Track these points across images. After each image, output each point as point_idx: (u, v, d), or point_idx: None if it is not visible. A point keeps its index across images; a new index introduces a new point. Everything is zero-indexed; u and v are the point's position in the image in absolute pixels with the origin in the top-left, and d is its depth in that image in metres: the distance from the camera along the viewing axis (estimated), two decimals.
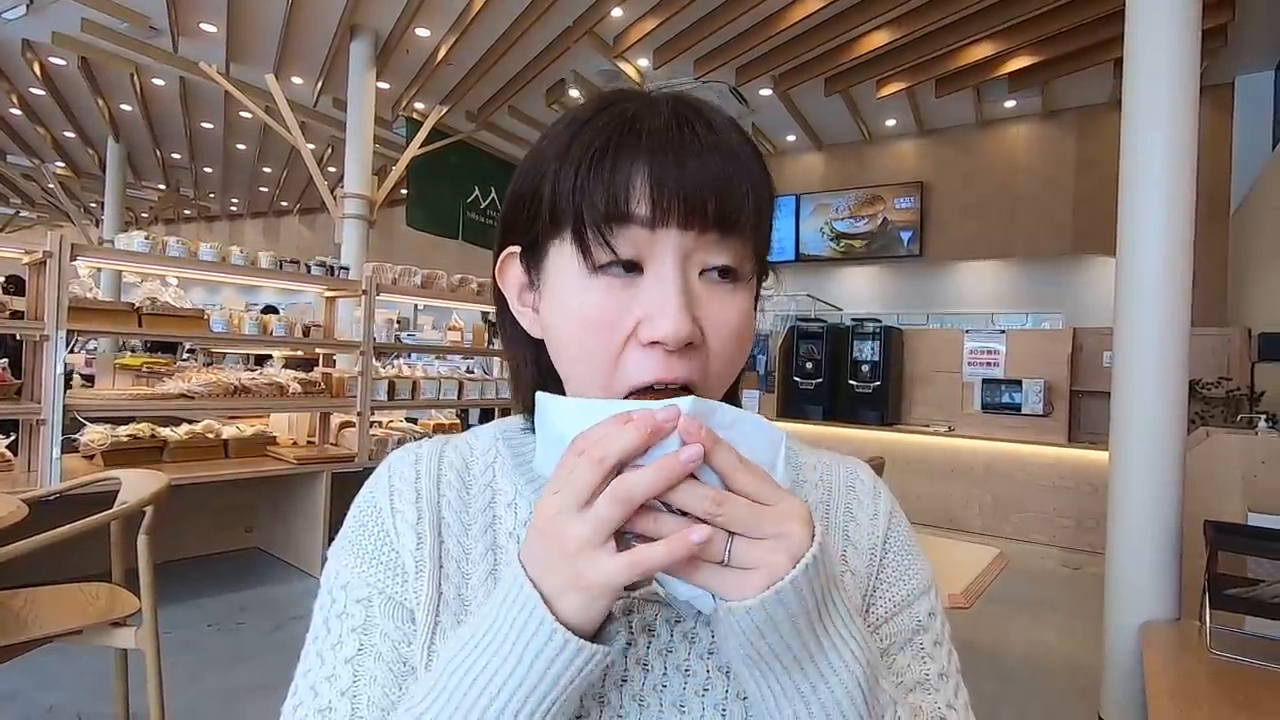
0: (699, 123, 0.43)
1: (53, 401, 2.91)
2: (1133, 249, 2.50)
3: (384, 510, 0.51)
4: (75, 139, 10.23)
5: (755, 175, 0.43)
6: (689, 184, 0.41)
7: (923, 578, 0.53)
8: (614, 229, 0.41)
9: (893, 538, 0.53)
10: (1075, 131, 7.53)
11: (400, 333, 4.72)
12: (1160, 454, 2.41)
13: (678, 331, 0.40)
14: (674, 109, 0.44)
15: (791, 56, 6.43)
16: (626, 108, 0.44)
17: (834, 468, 0.56)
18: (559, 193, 0.43)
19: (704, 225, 0.41)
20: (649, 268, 0.42)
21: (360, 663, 0.47)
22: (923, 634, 0.51)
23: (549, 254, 0.45)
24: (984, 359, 5.80)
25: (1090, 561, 4.68)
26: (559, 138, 0.44)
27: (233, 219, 15.50)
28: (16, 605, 1.89)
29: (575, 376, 0.45)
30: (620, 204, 0.41)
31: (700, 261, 0.43)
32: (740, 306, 0.44)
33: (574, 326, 0.43)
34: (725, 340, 0.43)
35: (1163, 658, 2.01)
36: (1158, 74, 2.46)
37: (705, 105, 0.45)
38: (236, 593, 3.50)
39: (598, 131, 0.42)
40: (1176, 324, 2.42)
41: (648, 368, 0.42)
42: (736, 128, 0.45)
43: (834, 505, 0.54)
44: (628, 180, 0.41)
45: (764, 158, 0.46)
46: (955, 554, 2.32)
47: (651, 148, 0.41)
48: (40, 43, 6.99)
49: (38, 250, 2.91)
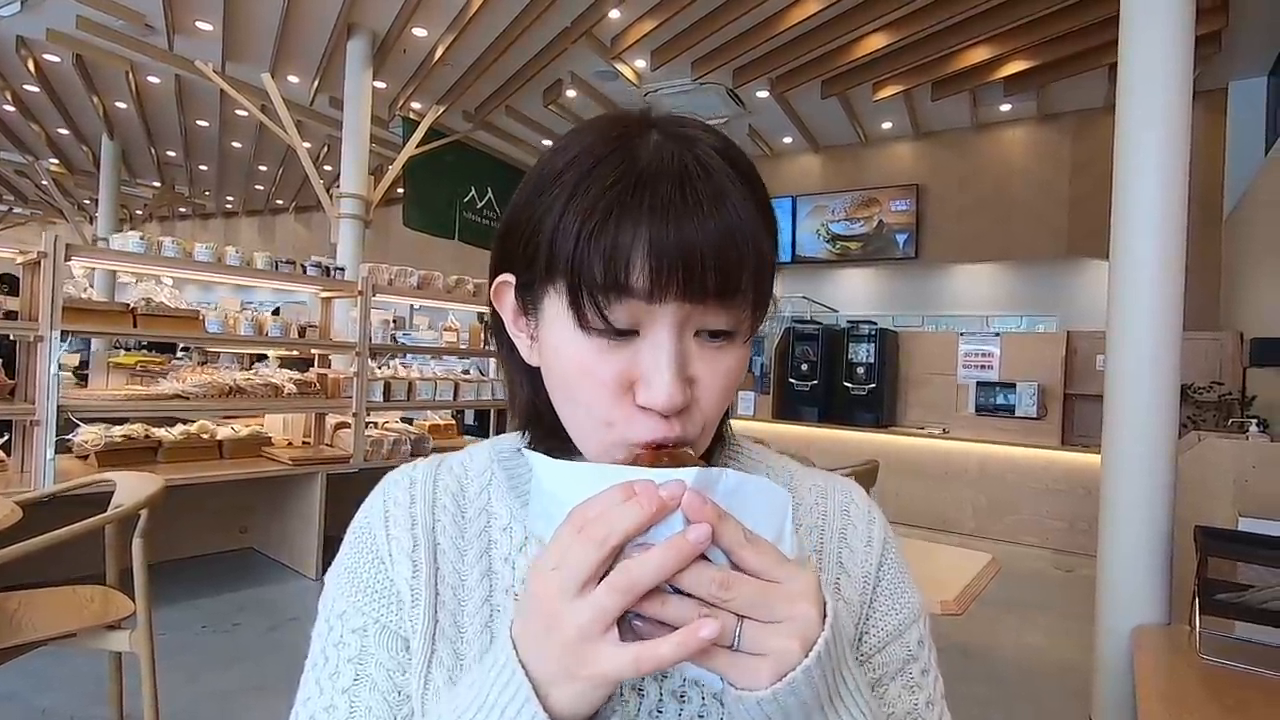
0: (702, 176, 0.41)
1: (46, 402, 2.90)
2: (1126, 253, 2.51)
3: (379, 537, 0.51)
4: (69, 136, 10.17)
5: (755, 238, 0.42)
6: (689, 256, 0.40)
7: (914, 607, 0.53)
8: (610, 300, 0.40)
9: (886, 566, 0.53)
10: (1070, 135, 7.56)
11: (396, 333, 4.72)
12: (1152, 458, 2.43)
13: (671, 401, 0.40)
14: (678, 159, 0.41)
15: (789, 59, 6.44)
16: (630, 159, 0.41)
17: (829, 492, 0.56)
18: (556, 251, 0.41)
19: (703, 296, 0.41)
20: (645, 334, 0.41)
21: (356, 693, 0.47)
22: (913, 663, 0.52)
23: (545, 300, 0.44)
24: (978, 361, 5.83)
25: (1082, 564, 4.70)
26: (560, 180, 0.42)
27: (228, 217, 15.44)
28: (11, 608, 1.89)
29: (571, 422, 0.46)
30: (619, 277, 0.40)
31: (696, 324, 0.42)
32: (732, 364, 0.44)
33: (570, 377, 0.43)
34: (715, 398, 0.44)
35: (1153, 662, 2.02)
36: (1151, 79, 2.48)
37: (710, 146, 0.43)
38: (232, 593, 3.50)
39: (602, 189, 0.41)
40: (1169, 328, 2.44)
41: (646, 429, 0.42)
42: (740, 169, 0.43)
43: (829, 531, 0.54)
44: (629, 252, 0.39)
45: (765, 196, 0.45)
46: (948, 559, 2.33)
47: (653, 212, 0.40)
48: (35, 39, 6.95)
49: (32, 250, 2.90)
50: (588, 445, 0.45)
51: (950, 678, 0.53)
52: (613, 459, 0.43)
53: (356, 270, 4.87)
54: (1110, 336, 2.57)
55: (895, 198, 8.46)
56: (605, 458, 0.44)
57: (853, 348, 6.14)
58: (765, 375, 6.83)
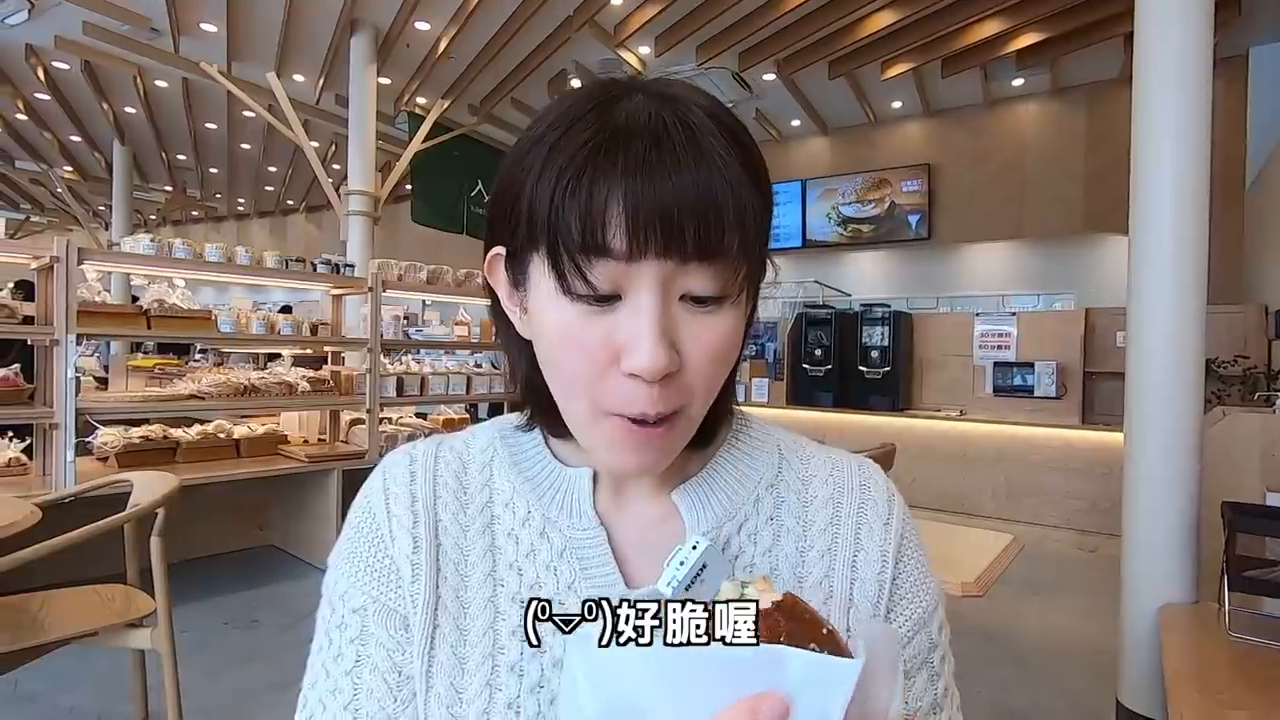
0: (681, 132, 0.40)
1: (65, 405, 2.93)
2: (1146, 227, 2.45)
3: (379, 515, 0.50)
4: (81, 143, 10.28)
5: (741, 193, 0.40)
6: (666, 210, 0.38)
7: (935, 593, 0.52)
8: (590, 260, 0.39)
9: (906, 549, 0.52)
10: (1085, 108, 7.42)
11: (408, 329, 4.72)
12: (1176, 434, 2.38)
13: (654, 366, 0.39)
14: (656, 116, 0.40)
15: (794, 40, 6.35)
16: (607, 117, 0.40)
17: (844, 466, 0.54)
18: (535, 212, 0.41)
19: (683, 253, 0.39)
20: (627, 297, 0.40)
21: (359, 675, 0.47)
22: (934, 651, 0.51)
23: (530, 266, 0.43)
24: (995, 342, 5.75)
25: (1105, 544, 4.64)
26: (540, 143, 0.42)
27: (240, 219, 15.57)
28: (34, 608, 1.91)
29: (558, 392, 0.45)
30: (596, 235, 0.39)
31: (681, 287, 0.41)
32: (722, 330, 0.42)
33: (555, 345, 0.43)
34: (705, 365, 0.42)
35: (1181, 641, 1.98)
36: (1169, 48, 2.40)
37: (693, 104, 0.42)
38: (251, 590, 3.54)
39: (576, 147, 0.40)
40: (1192, 301, 2.38)
41: (632, 399, 0.41)
42: (726, 126, 0.42)
43: (846, 505, 0.52)
44: (604, 208, 0.38)
45: (757, 157, 0.43)
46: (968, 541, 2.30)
47: (628, 168, 0.38)
48: (43, 47, 7.01)
49: (45, 255, 2.92)
50: (573, 416, 0.44)
51: (973, 660, 0.52)
52: (598, 430, 0.43)
53: (366, 267, 4.88)
54: (1131, 312, 2.51)
55: (906, 178, 8.35)
56: (590, 430, 0.44)
57: (866, 331, 6.08)
58: (778, 361, 6.79)
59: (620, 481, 0.50)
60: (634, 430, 0.42)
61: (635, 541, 0.49)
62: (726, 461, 0.52)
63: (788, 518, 0.51)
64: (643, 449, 0.43)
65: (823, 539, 0.50)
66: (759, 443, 0.54)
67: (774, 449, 0.54)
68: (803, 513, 0.51)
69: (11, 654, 1.71)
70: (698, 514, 0.49)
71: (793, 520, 0.50)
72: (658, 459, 0.44)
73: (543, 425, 0.52)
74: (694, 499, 0.50)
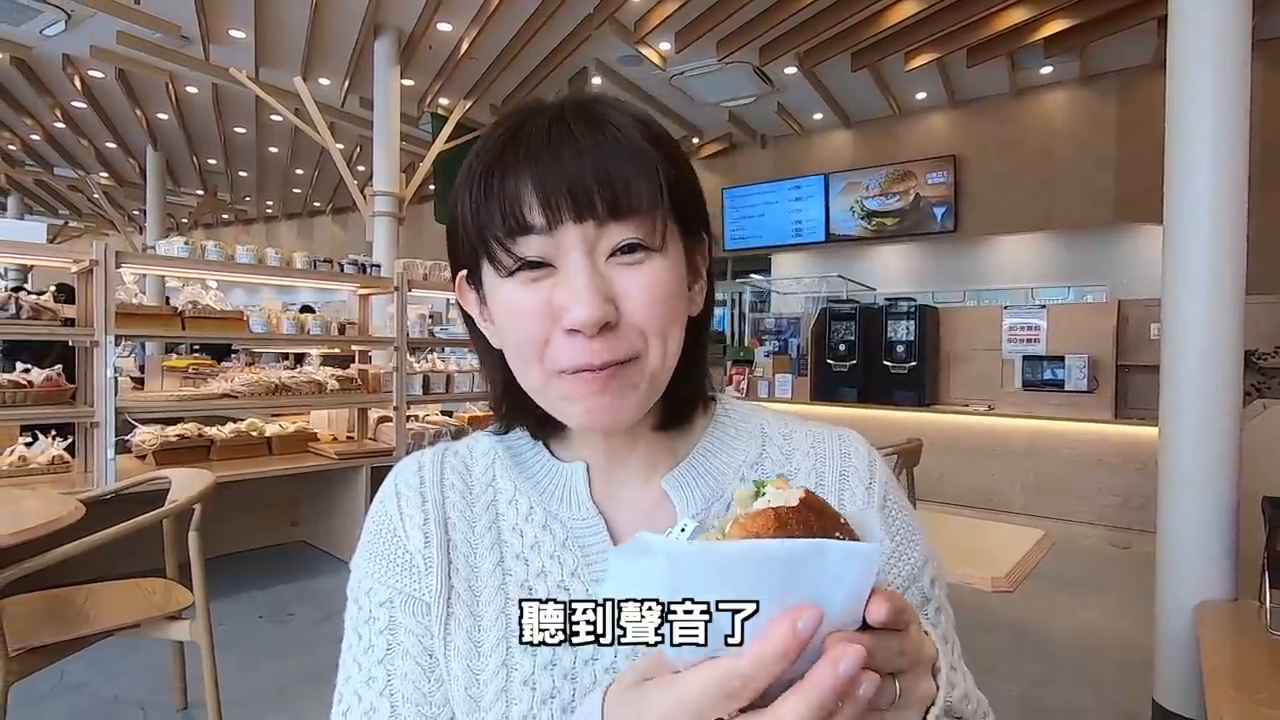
0: (579, 120, 0.45)
1: (105, 404, 3.02)
2: (1181, 215, 2.39)
3: (393, 515, 0.55)
4: (116, 149, 10.55)
5: (642, 155, 0.45)
6: (572, 180, 0.43)
7: (923, 547, 0.54)
8: (516, 241, 0.44)
9: (889, 507, 0.54)
10: (1116, 95, 7.24)
11: (433, 327, 4.78)
12: (1213, 428, 2.32)
13: (590, 316, 0.43)
14: (555, 113, 0.46)
15: (816, 33, 6.28)
16: (514, 127, 0.46)
17: (826, 438, 0.57)
18: (468, 221, 0.47)
19: (597, 215, 0.44)
20: (559, 264, 0.45)
21: (392, 661, 0.51)
22: (927, 604, 0.53)
23: (483, 273, 0.48)
24: (1024, 335, 5.65)
25: (1139, 540, 4.54)
26: (465, 168, 0.48)
27: (269, 221, 15.85)
28: (79, 600, 1.98)
29: (516, 365, 0.49)
30: (516, 218, 0.44)
31: (606, 247, 0.45)
32: (654, 276, 0.45)
33: (505, 322, 0.47)
34: (644, 310, 0.45)
35: (1219, 639, 1.94)
36: (1204, 31, 2.34)
37: (592, 99, 0.47)
38: (285, 585, 3.61)
39: (486, 153, 0.46)
40: (1229, 292, 2.32)
41: (573, 353, 0.44)
42: (627, 113, 0.47)
43: (828, 473, 0.54)
44: (516, 194, 0.44)
45: (656, 126, 0.48)
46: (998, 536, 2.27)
47: (532, 156, 0.44)
48: (79, 56, 7.20)
49: (85, 259, 3.01)
50: (529, 382, 0.48)
51: (1003, 656, 0.52)
52: (552, 390, 0.46)
53: (392, 267, 4.95)
54: (1165, 303, 2.45)
55: (931, 170, 8.23)
56: (546, 392, 0.47)
57: (892, 325, 6.00)
58: (802, 357, 6.74)
59: (611, 471, 0.54)
60: (581, 379, 0.45)
61: (631, 526, 0.53)
62: (711, 446, 0.56)
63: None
64: (598, 395, 0.45)
65: None
66: (742, 425, 0.57)
67: (757, 429, 0.57)
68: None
69: (59, 644, 1.77)
70: (686, 497, 0.53)
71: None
72: (614, 405, 0.46)
73: (530, 430, 0.56)
74: (682, 484, 0.53)
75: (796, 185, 9.05)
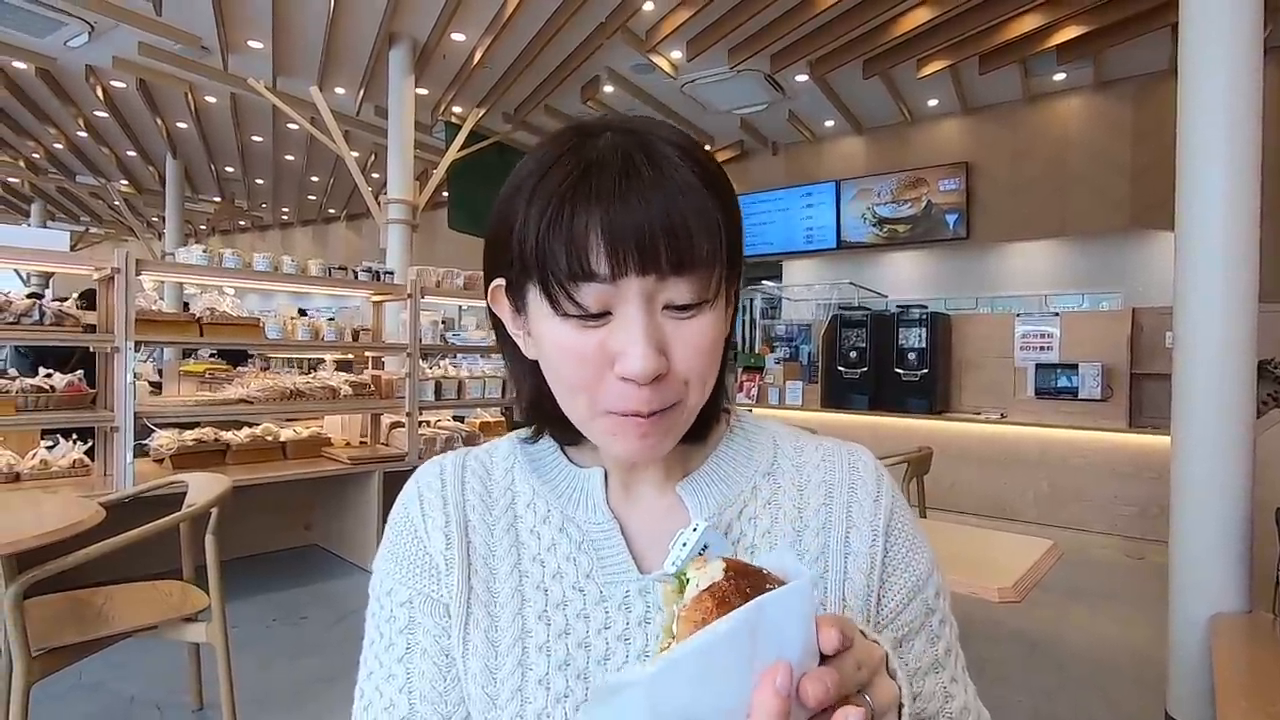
0: (646, 161, 0.45)
1: (124, 409, 3.07)
2: (1192, 223, 2.38)
3: (415, 518, 0.56)
4: (136, 157, 10.73)
5: (705, 206, 0.45)
6: (640, 233, 0.43)
7: (928, 560, 0.56)
8: (578, 285, 0.44)
9: (896, 522, 0.55)
10: (1131, 102, 7.19)
11: (445, 333, 4.82)
12: (1226, 438, 2.30)
13: (645, 370, 0.44)
14: (623, 149, 0.45)
15: (828, 40, 6.30)
16: (579, 156, 0.45)
17: (836, 452, 0.58)
18: (525, 247, 0.45)
19: (660, 269, 0.44)
20: (616, 312, 0.45)
21: (410, 660, 0.53)
22: (932, 616, 0.54)
23: (527, 294, 0.48)
24: (1037, 343, 5.62)
25: (1154, 551, 4.49)
26: (524, 185, 0.47)
27: (284, 227, 16.04)
28: (98, 602, 2.02)
29: (563, 399, 0.50)
30: (581, 262, 0.43)
31: (664, 299, 0.45)
32: (705, 332, 0.47)
33: (556, 357, 0.47)
34: (692, 364, 0.47)
35: (1232, 651, 1.92)
36: (1215, 37, 2.34)
37: (654, 137, 0.47)
38: (299, 588, 3.65)
39: (555, 186, 0.45)
40: (1242, 300, 2.30)
41: (625, 399, 0.46)
42: (685, 150, 0.46)
43: (837, 485, 0.56)
44: (585, 237, 0.43)
45: (716, 170, 0.47)
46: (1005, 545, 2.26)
47: (602, 199, 0.43)
48: (102, 67, 7.35)
49: (106, 266, 3.07)
50: (575, 414, 0.49)
51: (1015, 667, 0.54)
52: (598, 425, 0.48)
53: (405, 273, 5.00)
54: (1177, 311, 2.44)
55: (944, 177, 8.21)
56: (591, 425, 0.49)
57: (903, 333, 5.98)
58: (813, 364, 6.73)
59: (628, 478, 0.56)
60: (630, 422, 0.46)
61: (646, 531, 0.54)
62: (725, 455, 0.57)
63: (784, 501, 0.55)
64: (642, 437, 0.47)
65: (817, 518, 0.55)
66: (755, 436, 0.59)
67: (769, 440, 0.59)
68: (798, 496, 0.55)
69: (79, 645, 1.81)
70: (700, 503, 0.54)
71: (789, 503, 0.55)
72: (656, 445, 0.48)
73: (553, 435, 0.57)
74: (696, 490, 0.55)
75: (808, 192, 9.06)
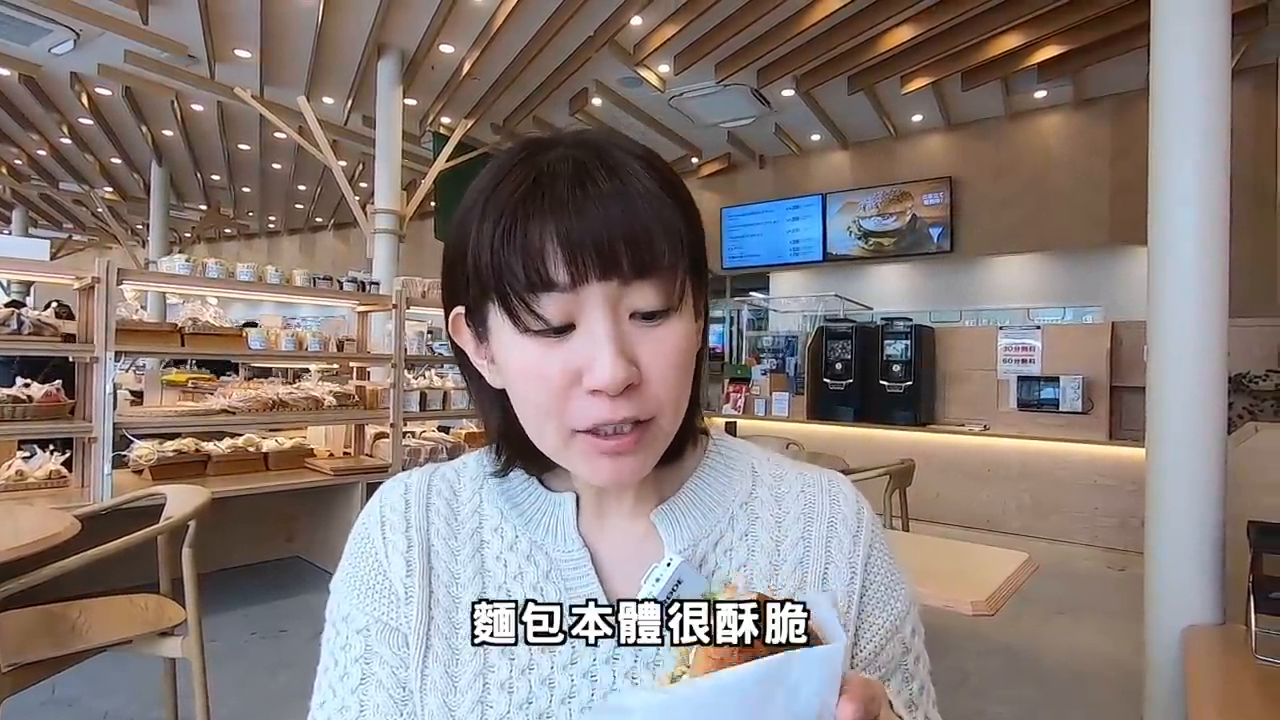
0: (601, 167, 0.43)
1: (103, 420, 3.04)
2: (1164, 240, 2.43)
3: (376, 540, 0.53)
4: (121, 164, 10.65)
5: (665, 212, 0.44)
6: (598, 236, 0.41)
7: (906, 598, 0.54)
8: (538, 295, 0.42)
9: (875, 558, 0.54)
10: (1110, 119, 7.33)
11: (431, 343, 4.81)
12: (1199, 451, 2.34)
13: (614, 380, 0.42)
14: (576, 159, 0.44)
15: (813, 56, 6.39)
16: (530, 167, 0.44)
17: (815, 482, 0.56)
18: (480, 264, 0.44)
19: (622, 275, 0.42)
20: (580, 324, 0.43)
21: (365, 691, 0.50)
22: (908, 655, 0.53)
23: (488, 317, 0.46)
24: (1019, 355, 5.68)
25: (1135, 562, 4.53)
26: (475, 203, 0.45)
27: (271, 236, 15.95)
28: (72, 616, 1.99)
29: (531, 424, 0.47)
30: (539, 272, 0.42)
31: (628, 306, 0.43)
32: (673, 339, 0.45)
33: (520, 380, 0.46)
34: (664, 373, 0.45)
35: (1205, 663, 1.95)
36: (1185, 59, 2.39)
37: (610, 146, 0.46)
38: (279, 601, 3.61)
39: (507, 197, 0.43)
40: (1213, 314, 2.35)
41: (594, 412, 0.43)
42: (640, 157, 0.45)
43: (815, 519, 0.54)
44: (540, 246, 0.42)
45: (673, 178, 0.46)
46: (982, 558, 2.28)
47: (556, 206, 0.42)
48: (87, 75, 7.30)
49: (87, 276, 3.05)
50: (546, 442, 0.47)
51: (996, 680, 0.54)
52: (571, 450, 0.46)
53: (391, 284, 4.99)
54: (1151, 326, 2.48)
55: (928, 191, 8.31)
56: (565, 452, 0.46)
57: (888, 345, 6.04)
58: (799, 376, 6.77)
59: (601, 504, 0.53)
60: (604, 443, 0.44)
61: (617, 560, 0.52)
62: (702, 482, 0.54)
63: (761, 534, 0.53)
64: (617, 460, 0.45)
65: (794, 553, 0.52)
66: (733, 462, 0.56)
67: (748, 468, 0.56)
68: (775, 529, 0.53)
69: (53, 660, 1.78)
70: (675, 533, 0.52)
71: (766, 536, 0.53)
72: (632, 468, 0.46)
73: (522, 467, 0.54)
74: (671, 519, 0.52)
75: (795, 205, 9.15)
